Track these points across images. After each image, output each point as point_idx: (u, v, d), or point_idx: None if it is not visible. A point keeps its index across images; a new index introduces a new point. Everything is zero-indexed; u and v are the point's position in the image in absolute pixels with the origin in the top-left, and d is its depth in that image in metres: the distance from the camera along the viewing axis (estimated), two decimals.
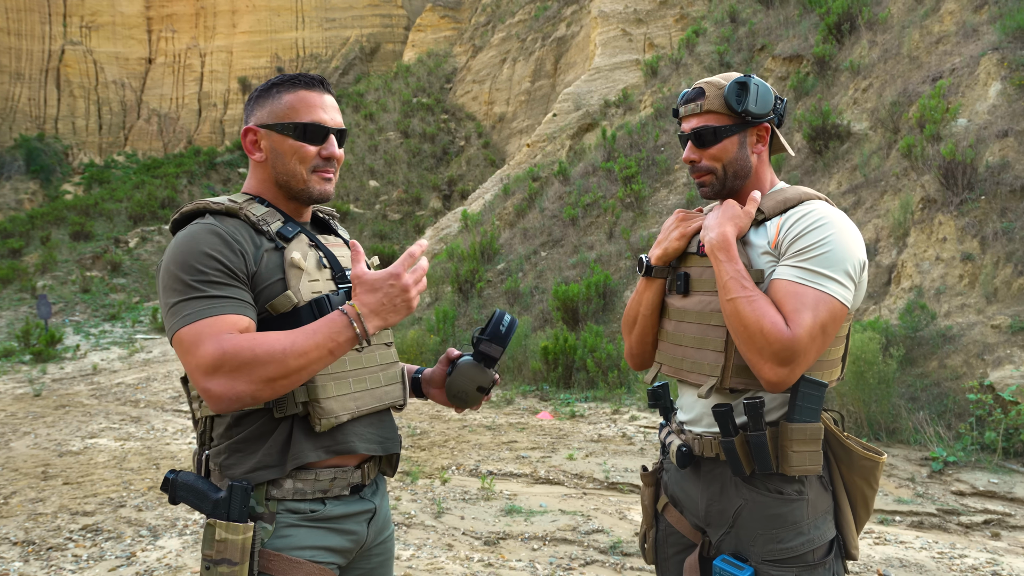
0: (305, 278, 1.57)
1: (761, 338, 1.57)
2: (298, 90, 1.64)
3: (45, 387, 12.61)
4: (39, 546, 4.75)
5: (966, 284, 7.72)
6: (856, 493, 1.74)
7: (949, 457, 5.83)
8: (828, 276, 1.61)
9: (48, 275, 30.97)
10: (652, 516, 1.97)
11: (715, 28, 20.87)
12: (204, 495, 1.49)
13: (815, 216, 1.67)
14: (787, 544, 1.65)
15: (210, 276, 1.46)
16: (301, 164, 1.63)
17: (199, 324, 1.41)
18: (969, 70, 10.32)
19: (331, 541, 1.57)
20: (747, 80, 1.76)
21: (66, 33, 59.17)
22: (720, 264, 1.68)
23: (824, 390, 1.64)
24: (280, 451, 1.52)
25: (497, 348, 1.74)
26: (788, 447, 1.63)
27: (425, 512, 5.18)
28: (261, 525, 1.49)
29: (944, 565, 4.00)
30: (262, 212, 1.61)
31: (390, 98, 43.62)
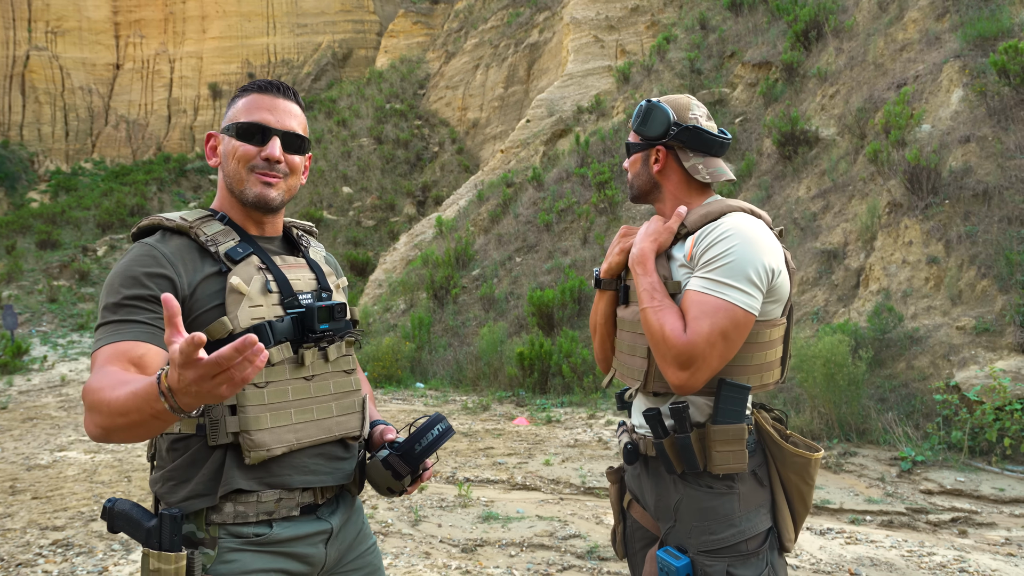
0: (246, 303, 1.51)
1: (663, 344, 1.70)
2: (251, 93, 1.63)
3: (11, 400, 12.38)
4: (7, 563, 4.67)
5: (932, 287, 7.88)
6: (791, 488, 1.84)
7: (917, 457, 5.94)
8: (730, 285, 1.70)
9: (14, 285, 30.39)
10: (620, 512, 2.08)
11: (686, 35, 21.09)
12: (137, 524, 1.45)
13: (723, 228, 1.76)
14: (719, 535, 1.74)
15: (127, 300, 1.44)
16: (239, 164, 1.59)
17: (99, 352, 1.40)
18: (932, 77, 10.54)
19: (280, 564, 1.52)
20: (651, 104, 1.92)
21: (31, 38, 58.19)
22: (637, 277, 1.82)
23: (746, 393, 1.74)
24: (212, 479, 1.48)
25: (404, 467, 1.63)
26: (712, 447, 1.74)
27: (402, 520, 5.18)
28: (202, 551, 1.45)
29: (913, 563, 4.08)
30: (215, 231, 1.57)
31: (363, 104, 43.45)
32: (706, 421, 1.77)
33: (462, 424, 8.62)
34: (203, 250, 1.54)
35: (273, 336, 1.51)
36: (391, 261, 20.61)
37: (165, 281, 1.46)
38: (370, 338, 14.73)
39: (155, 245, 1.51)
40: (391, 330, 14.80)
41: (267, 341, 1.50)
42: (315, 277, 1.70)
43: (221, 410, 1.47)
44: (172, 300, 1.16)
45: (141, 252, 1.50)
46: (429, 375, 12.15)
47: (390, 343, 12.66)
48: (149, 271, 1.46)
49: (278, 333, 1.52)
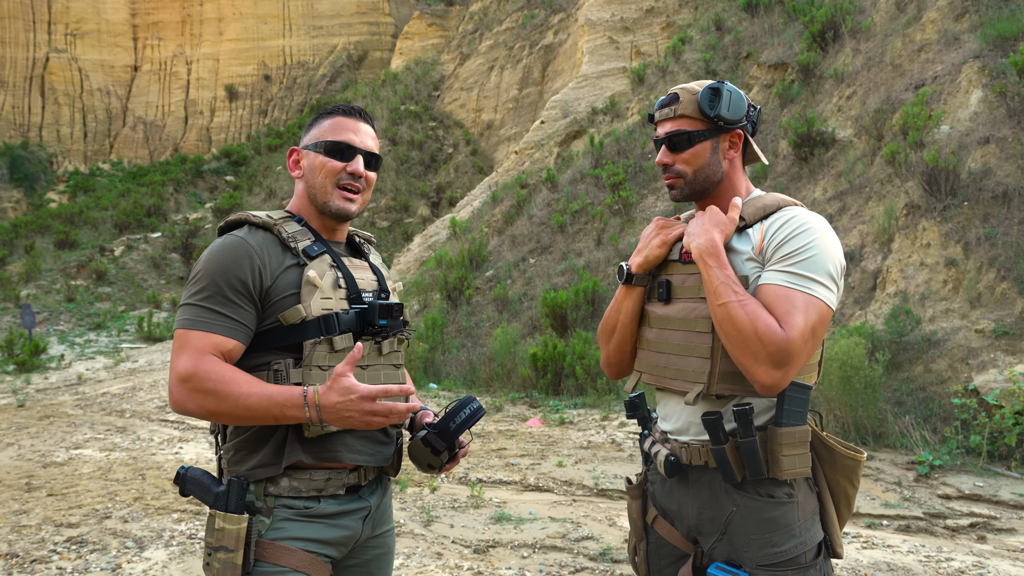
0: (318, 295, 1.71)
1: (756, 341, 1.58)
2: (336, 116, 1.84)
3: (29, 397, 12.49)
4: (23, 559, 4.70)
5: (950, 289, 7.79)
6: (839, 492, 1.76)
7: (935, 461, 5.87)
8: (814, 279, 1.64)
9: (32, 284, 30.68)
10: (642, 529, 1.95)
11: (701, 36, 21.02)
12: (207, 488, 1.66)
13: (799, 221, 1.70)
14: (781, 547, 1.66)
15: (221, 289, 1.65)
16: (327, 178, 1.80)
17: (192, 334, 1.63)
18: (951, 78, 10.43)
19: (324, 534, 1.70)
20: (720, 86, 1.79)
21: (51, 40, 58.81)
22: (710, 270, 1.68)
23: (809, 393, 1.66)
24: (276, 452, 1.68)
25: (441, 443, 1.78)
26: (778, 451, 1.64)
27: (414, 520, 5.17)
28: (259, 519, 1.65)
29: (931, 569, 4.02)
30: (294, 230, 1.78)
31: (378, 106, 43.56)
32: (766, 424, 1.70)
33: (475, 425, 8.61)
34: (284, 245, 1.75)
35: (339, 326, 1.71)
36: (405, 262, 20.65)
37: (255, 270, 1.67)
38: None
39: (245, 238, 1.71)
40: None
41: (334, 330, 1.70)
42: (376, 279, 1.91)
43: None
44: (359, 347, 1.58)
45: (235, 244, 1.69)
46: (442, 376, 12.15)
47: None
48: (241, 263, 1.66)
49: (343, 324, 1.72)
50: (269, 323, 1.70)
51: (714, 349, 1.72)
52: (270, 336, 1.70)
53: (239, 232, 1.74)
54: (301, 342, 1.69)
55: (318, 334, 1.69)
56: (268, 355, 1.71)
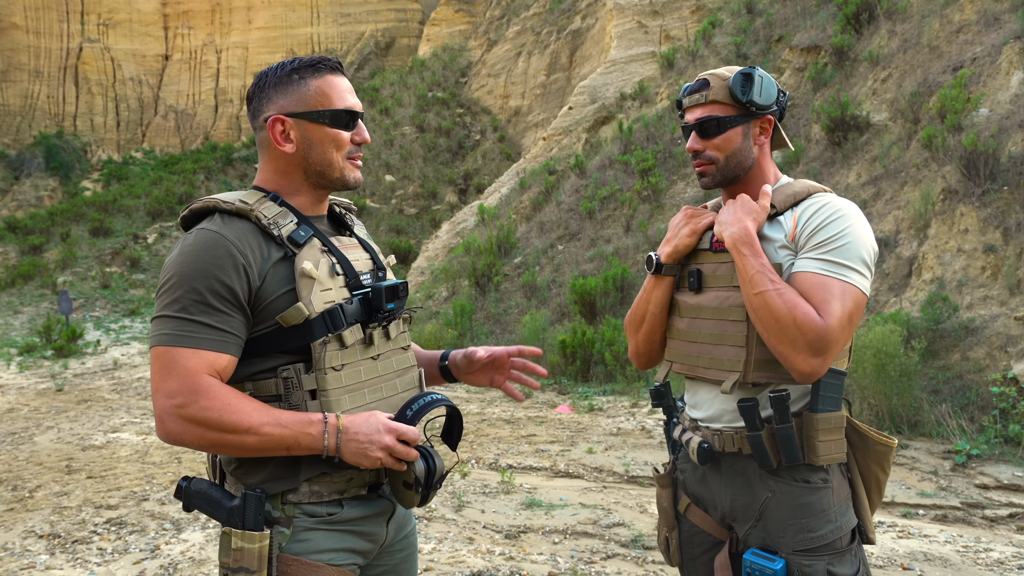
0: (317, 288, 1.50)
1: (794, 329, 1.58)
2: (324, 75, 1.59)
3: (67, 382, 12.76)
4: (64, 539, 4.81)
5: (988, 276, 7.64)
6: (871, 478, 1.77)
7: (972, 450, 5.77)
8: (849, 267, 1.63)
9: (68, 271, 31.29)
10: (673, 518, 1.95)
11: (731, 19, 20.71)
12: (218, 503, 1.46)
13: (832, 208, 1.70)
14: (817, 532, 1.66)
15: (204, 297, 1.42)
16: (338, 152, 1.59)
17: (178, 352, 1.41)
18: (991, 59, 10.18)
19: (350, 543, 1.55)
20: (751, 71, 1.77)
21: (84, 31, 59.63)
22: (744, 258, 1.68)
23: (843, 379, 1.67)
24: (292, 462, 1.49)
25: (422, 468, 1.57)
26: (815, 437, 1.65)
27: (446, 506, 5.20)
28: (278, 530, 1.47)
29: (969, 559, 3.97)
30: (274, 213, 1.53)
31: (405, 93, 43.62)
32: (801, 410, 1.70)
33: (504, 411, 8.64)
34: (266, 234, 1.51)
35: (345, 319, 1.52)
36: (433, 249, 20.71)
37: (240, 272, 1.44)
38: (412, 325, 14.84)
39: (221, 232, 1.46)
40: (433, 317, 14.88)
41: (341, 324, 1.51)
42: (370, 256, 1.71)
43: (301, 395, 1.49)
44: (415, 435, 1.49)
45: (211, 240, 1.45)
46: None
47: (432, 330, 12.74)
48: (222, 264, 1.43)
49: (349, 315, 1.53)
50: (266, 327, 1.49)
51: (749, 337, 1.72)
52: (269, 340, 1.49)
53: (211, 224, 1.49)
54: (308, 343, 1.49)
55: (325, 332, 1.49)
56: (271, 359, 1.51)
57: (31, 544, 4.75)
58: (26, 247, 34.48)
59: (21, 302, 27.21)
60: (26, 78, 56.82)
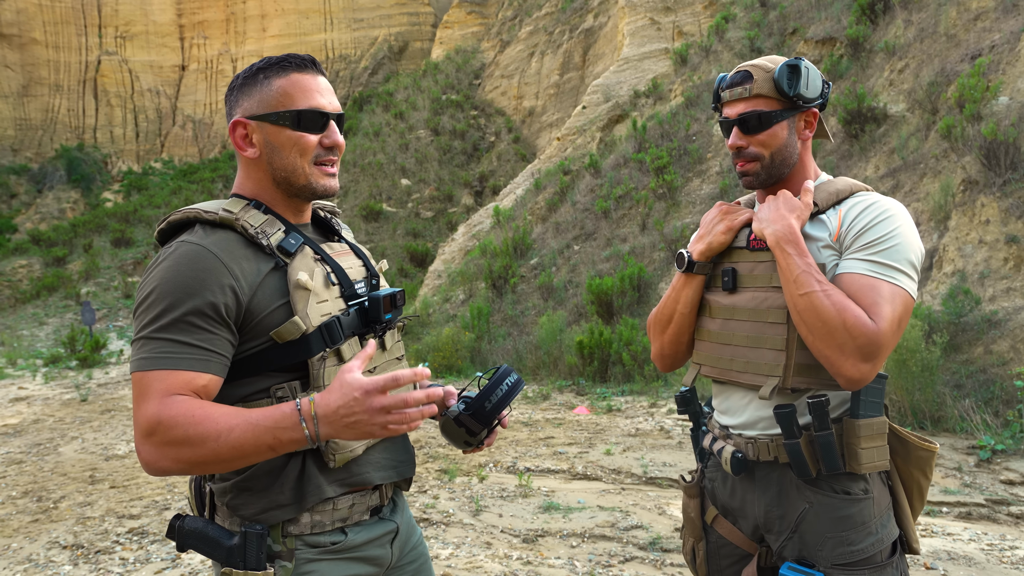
0: (313, 300, 1.40)
1: (843, 333, 1.51)
2: (289, 73, 1.46)
3: (91, 392, 12.91)
4: (88, 549, 4.86)
5: (1011, 267, 7.51)
6: (912, 485, 1.70)
7: (997, 445, 5.67)
8: (899, 269, 1.57)
9: (91, 282, 31.70)
10: (700, 528, 1.88)
11: (745, 13, 20.56)
12: (216, 542, 1.36)
13: (880, 208, 1.63)
14: (858, 546, 1.61)
15: (185, 316, 1.31)
16: (302, 157, 1.45)
17: (152, 375, 1.28)
18: (1009, 46, 10.02)
19: (355, 570, 1.47)
20: (798, 63, 1.70)
21: (102, 44, 60.40)
22: (789, 257, 1.60)
23: (885, 382, 1.61)
24: (293, 488, 1.39)
25: (477, 425, 1.54)
26: (856, 444, 1.59)
27: (463, 510, 5.20)
28: (280, 564, 1.38)
29: (994, 557, 3.90)
30: (260, 222, 1.43)
31: (419, 96, 43.76)
32: (840, 416, 1.64)
33: (522, 413, 8.62)
34: (254, 244, 1.40)
35: (343, 331, 1.43)
36: (450, 252, 20.74)
37: (225, 290, 1.33)
38: (430, 328, 14.86)
39: (204, 244, 1.35)
40: (451, 320, 14.90)
41: (339, 338, 1.42)
42: (363, 263, 1.62)
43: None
44: (372, 344, 1.32)
45: (194, 255, 1.33)
46: (489, 365, 12.19)
47: (450, 333, 12.74)
48: (205, 279, 1.32)
49: (346, 328, 1.45)
50: (258, 344, 1.38)
51: (789, 341, 1.64)
52: (262, 358, 1.39)
53: (192, 237, 1.37)
54: (305, 360, 1.40)
55: (323, 347, 1.40)
56: (264, 379, 1.40)
57: (55, 555, 4.81)
58: (50, 259, 34.99)
59: (46, 313, 27.60)
60: (46, 92, 57.66)
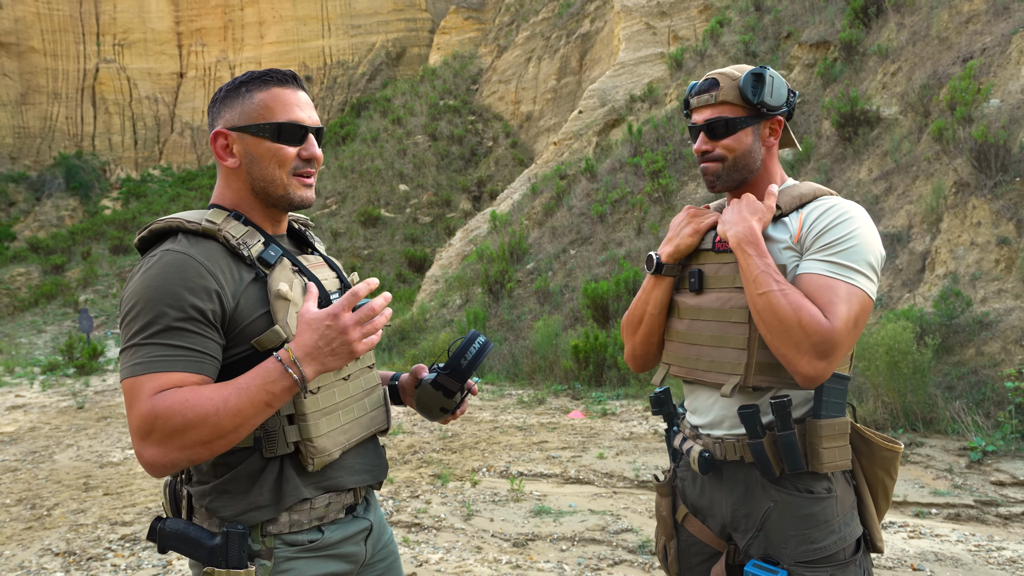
0: (292, 309, 1.46)
1: (799, 331, 1.54)
2: (271, 87, 1.52)
3: (88, 399, 12.91)
4: (80, 556, 4.87)
5: (1002, 269, 7.54)
6: (877, 485, 1.73)
7: (988, 447, 5.69)
8: (856, 270, 1.61)
9: (89, 289, 31.71)
10: (672, 527, 1.92)
11: (740, 17, 20.63)
12: (198, 543, 1.41)
13: (839, 211, 1.67)
14: (821, 544, 1.63)
15: (173, 322, 1.35)
16: (280, 168, 1.51)
17: (142, 379, 1.32)
18: (1000, 49, 10.06)
19: (331, 567, 1.53)
20: (762, 71, 1.74)
21: (100, 52, 60.51)
22: (749, 258, 1.64)
23: (847, 383, 1.64)
24: (272, 490, 1.45)
25: (455, 383, 1.66)
26: (818, 444, 1.61)
27: (455, 515, 5.21)
28: (260, 563, 1.43)
29: (981, 558, 3.91)
30: (241, 233, 1.48)
31: (417, 102, 43.85)
32: (803, 416, 1.67)
33: (517, 418, 8.64)
34: (235, 255, 1.46)
35: None
36: (447, 257, 20.77)
37: (211, 296, 1.38)
38: (427, 334, 14.88)
39: (188, 253, 1.40)
40: (447, 325, 14.92)
41: None
42: (336, 275, 1.69)
43: (278, 421, 1.45)
44: (312, 286, 1.49)
45: (179, 262, 1.38)
46: (485, 369, 12.20)
47: (446, 338, 12.76)
48: (192, 285, 1.36)
49: None
50: (240, 352, 1.44)
51: (751, 340, 1.68)
52: (242, 366, 1.43)
53: (176, 245, 1.42)
54: None
55: None
56: None
57: (47, 562, 4.82)
58: (48, 267, 35.02)
59: (44, 321, 27.61)
60: (45, 100, 57.74)
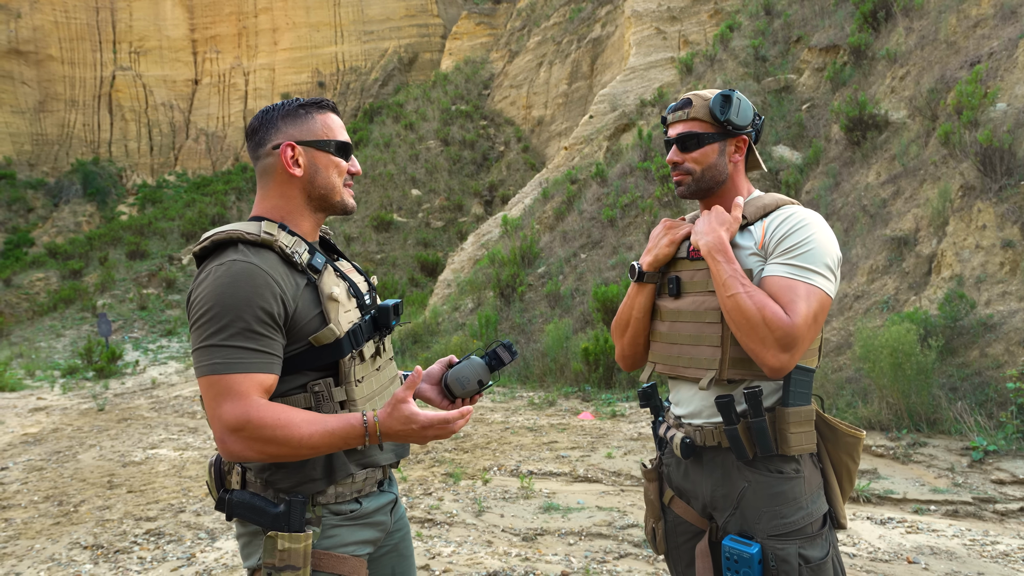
0: (341, 310, 1.69)
1: (764, 327, 1.73)
2: (327, 112, 1.80)
3: (108, 402, 13.17)
4: (107, 549, 5.07)
5: (1007, 271, 7.63)
6: (841, 468, 1.92)
7: (990, 446, 5.80)
8: (814, 271, 1.80)
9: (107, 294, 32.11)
10: (659, 509, 2.11)
11: (750, 22, 20.73)
12: (262, 510, 1.62)
13: (798, 218, 1.87)
14: (790, 519, 1.82)
15: (249, 325, 1.55)
16: (339, 178, 1.78)
17: (230, 378, 1.53)
18: (1008, 53, 10.15)
19: (366, 534, 1.76)
20: (731, 94, 1.95)
21: (116, 59, 61.23)
22: (718, 264, 1.84)
23: (812, 375, 1.84)
24: (324, 466, 1.67)
25: (507, 355, 1.94)
26: (786, 429, 1.81)
27: (467, 511, 5.38)
28: (311, 528, 1.64)
29: (975, 552, 4.04)
30: (291, 243, 1.68)
31: (429, 107, 44.11)
32: (774, 405, 1.85)
33: (528, 419, 8.79)
34: (289, 263, 1.66)
35: (362, 336, 1.73)
36: (459, 261, 20.95)
37: (278, 300, 1.58)
38: (439, 337, 15.06)
39: (254, 263, 1.58)
40: (459, 329, 15.09)
41: (361, 341, 1.73)
42: (364, 279, 1.92)
43: (332, 406, 1.67)
44: (419, 371, 1.65)
45: (248, 271, 1.57)
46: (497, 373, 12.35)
47: (458, 342, 12.94)
48: (262, 292, 1.56)
49: (364, 332, 1.74)
50: (298, 347, 1.66)
51: (724, 338, 1.88)
52: (300, 359, 1.66)
53: (240, 255, 1.60)
54: (336, 360, 1.68)
55: (351, 349, 1.70)
56: (300, 376, 1.67)
57: (76, 555, 5.02)
58: (66, 272, 35.48)
59: (63, 325, 28.01)
60: (62, 107, 58.48)
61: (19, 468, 7.95)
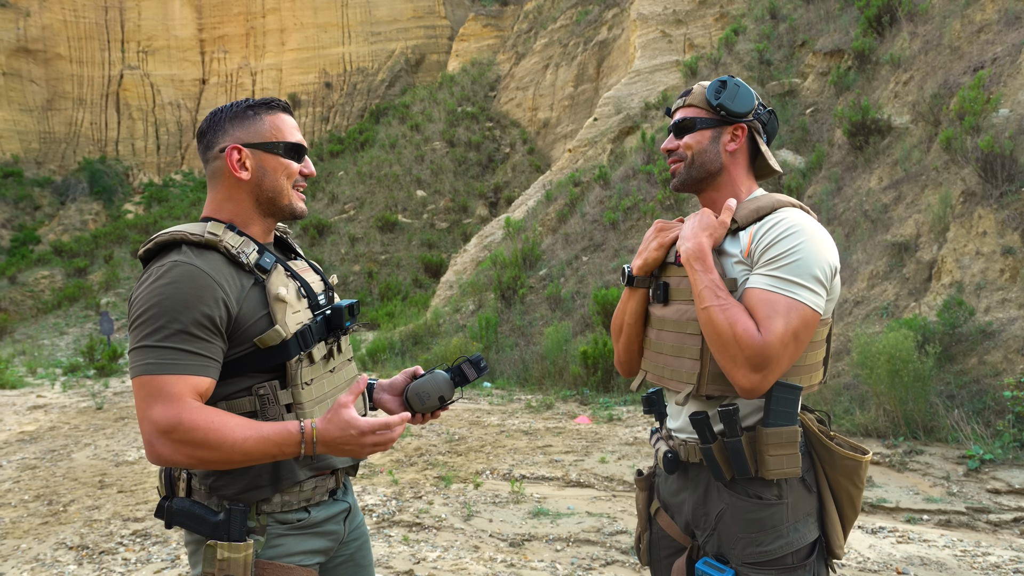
0: (289, 311, 1.64)
1: (734, 345, 1.60)
2: (277, 113, 1.74)
3: (107, 400, 13.17)
4: (92, 550, 5.05)
5: (1007, 278, 7.56)
6: (841, 493, 1.75)
7: (986, 455, 5.73)
8: (799, 283, 1.63)
9: (111, 292, 32.20)
10: (646, 519, 2.01)
11: (755, 25, 20.66)
12: (202, 519, 1.58)
13: (786, 224, 1.70)
14: (766, 547, 1.69)
15: (186, 327, 1.51)
16: (288, 180, 1.72)
17: (163, 379, 1.49)
18: (1011, 59, 10.07)
19: (315, 544, 1.71)
20: (727, 79, 1.83)
21: (124, 58, 61.48)
22: (695, 274, 1.71)
23: (798, 393, 1.67)
24: (270, 472, 1.62)
25: (473, 372, 1.87)
26: (765, 451, 1.66)
27: (455, 515, 5.33)
28: (254, 538, 1.60)
29: (966, 563, 3.98)
30: (239, 243, 1.63)
31: (435, 108, 44.11)
32: (756, 424, 1.71)
33: (523, 422, 8.75)
34: (236, 263, 1.62)
35: (313, 337, 1.66)
36: (462, 263, 20.93)
37: (219, 303, 1.54)
38: (439, 339, 15.03)
39: (196, 264, 1.54)
40: (460, 330, 15.06)
41: (310, 343, 1.66)
42: (320, 278, 1.86)
43: (277, 410, 1.61)
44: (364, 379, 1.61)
45: (189, 273, 1.53)
46: (496, 375, 12.33)
47: (458, 343, 12.90)
48: (201, 294, 1.52)
49: (315, 334, 1.67)
50: (243, 349, 1.61)
51: (703, 351, 1.74)
52: (245, 362, 1.61)
53: (182, 256, 1.56)
54: (283, 362, 1.63)
55: (299, 351, 1.64)
56: (245, 379, 1.63)
57: (61, 555, 4.99)
58: (71, 270, 35.60)
59: (67, 323, 28.10)
60: (70, 106, 58.73)
61: (12, 466, 7.95)
